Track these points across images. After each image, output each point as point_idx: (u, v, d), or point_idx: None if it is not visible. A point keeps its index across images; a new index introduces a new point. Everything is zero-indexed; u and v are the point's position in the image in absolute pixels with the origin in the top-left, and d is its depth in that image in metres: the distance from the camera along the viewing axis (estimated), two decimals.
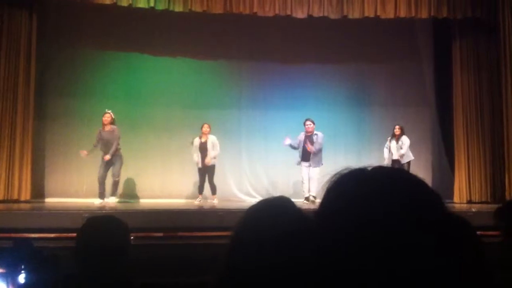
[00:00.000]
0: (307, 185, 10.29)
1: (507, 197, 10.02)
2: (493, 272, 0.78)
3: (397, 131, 10.65)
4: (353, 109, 11.81)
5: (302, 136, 10.38)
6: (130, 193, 10.95)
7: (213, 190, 10.41)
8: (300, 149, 10.36)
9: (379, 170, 0.81)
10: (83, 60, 11.24)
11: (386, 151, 10.72)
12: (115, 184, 9.92)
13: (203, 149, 10.27)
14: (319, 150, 10.32)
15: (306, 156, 10.33)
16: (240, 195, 11.48)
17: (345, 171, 0.81)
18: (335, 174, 0.81)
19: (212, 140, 10.33)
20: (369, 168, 0.81)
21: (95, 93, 11.22)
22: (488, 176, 10.79)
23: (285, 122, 11.54)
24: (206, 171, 10.34)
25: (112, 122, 9.83)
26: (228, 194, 11.41)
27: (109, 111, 9.84)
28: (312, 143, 10.29)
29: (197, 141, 10.33)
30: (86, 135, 10.11)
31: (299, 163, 10.38)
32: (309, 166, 10.31)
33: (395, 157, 10.52)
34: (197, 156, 10.27)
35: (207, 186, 10.45)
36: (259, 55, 11.91)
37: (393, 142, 10.64)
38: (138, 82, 11.50)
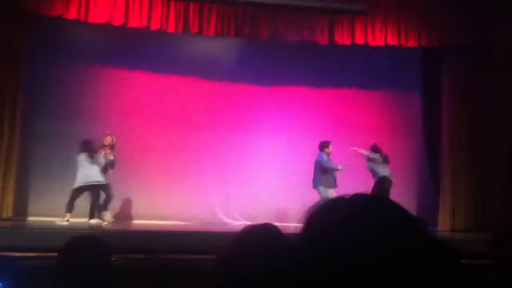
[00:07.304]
0: None
1: (491, 226, 10.06)
2: None
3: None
4: (340, 135, 11.82)
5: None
6: (122, 214, 10.77)
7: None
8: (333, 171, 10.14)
9: (358, 198, 0.82)
10: (73, 80, 11.07)
11: (377, 166, 10.56)
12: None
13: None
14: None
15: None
16: (225, 219, 11.37)
17: (324, 201, 0.83)
18: (314, 205, 0.83)
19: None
20: (347, 197, 0.83)
21: (84, 114, 11.03)
22: (473, 205, 10.82)
23: (273, 146, 11.53)
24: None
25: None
26: (212, 218, 11.28)
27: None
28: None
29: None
30: (72, 157, 9.91)
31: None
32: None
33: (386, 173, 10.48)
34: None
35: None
36: (249, 78, 11.90)
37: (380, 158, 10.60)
38: (129, 101, 11.39)
